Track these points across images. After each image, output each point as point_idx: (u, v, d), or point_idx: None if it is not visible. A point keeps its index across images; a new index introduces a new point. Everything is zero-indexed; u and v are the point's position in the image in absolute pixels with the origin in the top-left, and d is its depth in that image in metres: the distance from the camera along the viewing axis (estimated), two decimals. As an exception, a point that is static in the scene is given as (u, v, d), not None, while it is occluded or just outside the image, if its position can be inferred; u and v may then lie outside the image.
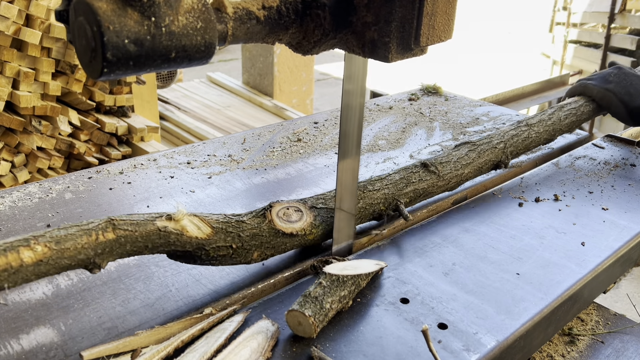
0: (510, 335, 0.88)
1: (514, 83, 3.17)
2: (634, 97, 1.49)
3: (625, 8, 5.13)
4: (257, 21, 0.79)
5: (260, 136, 1.65)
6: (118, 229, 0.79)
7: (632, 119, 1.51)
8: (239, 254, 0.93)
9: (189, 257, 0.89)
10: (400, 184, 1.15)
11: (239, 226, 0.94)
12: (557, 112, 1.49)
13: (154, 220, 0.83)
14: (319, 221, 1.03)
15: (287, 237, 0.98)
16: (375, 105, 1.93)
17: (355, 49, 0.87)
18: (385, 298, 0.95)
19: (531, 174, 1.44)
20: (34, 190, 1.28)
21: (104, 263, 0.78)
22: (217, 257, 0.91)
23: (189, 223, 0.87)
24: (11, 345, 0.83)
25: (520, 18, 12.03)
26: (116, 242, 0.79)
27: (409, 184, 1.16)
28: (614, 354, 1.09)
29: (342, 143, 1.00)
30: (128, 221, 0.81)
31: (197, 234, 0.87)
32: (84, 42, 0.64)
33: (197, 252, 0.88)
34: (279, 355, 0.82)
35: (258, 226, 0.96)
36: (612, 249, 1.11)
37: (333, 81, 7.49)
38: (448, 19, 0.85)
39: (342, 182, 1.02)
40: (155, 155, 1.49)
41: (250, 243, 0.94)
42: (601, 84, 1.54)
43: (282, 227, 0.98)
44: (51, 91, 2.85)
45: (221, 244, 0.90)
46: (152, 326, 0.84)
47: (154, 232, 0.83)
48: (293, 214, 1.01)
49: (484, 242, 1.13)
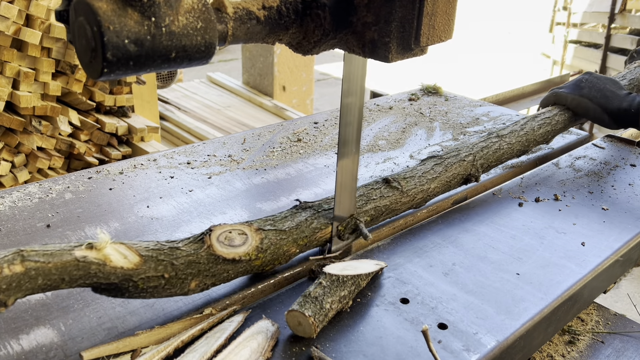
0: (510, 335, 0.88)
1: (514, 83, 3.17)
2: (610, 99, 1.43)
3: (625, 8, 5.14)
4: (257, 21, 0.79)
5: (260, 136, 1.65)
6: (28, 261, 0.71)
7: (615, 122, 1.45)
8: (173, 284, 0.84)
9: (115, 290, 0.80)
10: (359, 201, 1.07)
11: (173, 253, 0.84)
12: (530, 122, 1.44)
13: (71, 250, 0.75)
14: (267, 244, 0.93)
15: (230, 263, 0.88)
16: (375, 105, 1.93)
17: (355, 49, 0.87)
18: (385, 298, 0.95)
19: (531, 174, 1.44)
20: (34, 190, 1.28)
21: (10, 300, 0.70)
22: (148, 288, 0.82)
23: (113, 252, 0.79)
24: (11, 345, 0.83)
25: (520, 18, 12.03)
26: (25, 276, 0.70)
27: (369, 201, 1.08)
28: (614, 354, 1.09)
29: (341, 143, 1.00)
30: (40, 252, 0.73)
31: (123, 264, 0.79)
32: (84, 42, 0.64)
33: (123, 284, 0.79)
34: (279, 355, 0.82)
35: (195, 252, 0.86)
36: (612, 249, 1.11)
37: (333, 81, 7.49)
38: (448, 19, 0.85)
39: (341, 181, 1.02)
40: (155, 156, 1.49)
41: (186, 272, 0.84)
42: (574, 91, 1.49)
43: (222, 252, 0.88)
44: (51, 91, 2.85)
45: (151, 274, 0.81)
46: (152, 326, 0.84)
47: (71, 263, 0.74)
48: (236, 237, 0.91)
49: (484, 242, 1.13)
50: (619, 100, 1.43)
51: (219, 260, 0.87)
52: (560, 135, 1.69)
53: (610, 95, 1.44)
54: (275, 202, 1.28)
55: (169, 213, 1.21)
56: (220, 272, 0.88)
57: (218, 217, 1.20)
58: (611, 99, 1.44)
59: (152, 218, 1.19)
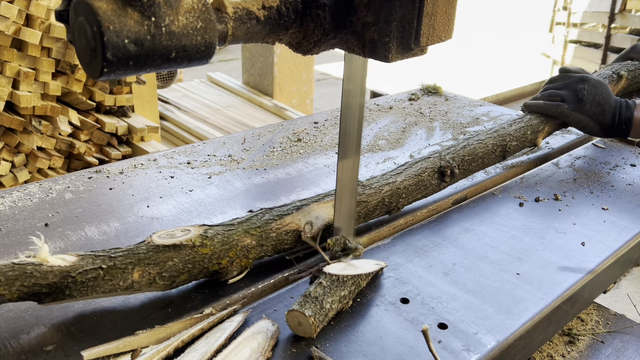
0: (510, 335, 0.88)
1: (514, 83, 3.16)
2: (606, 113, 1.44)
3: (625, 8, 5.14)
4: (257, 21, 0.79)
5: (260, 136, 1.65)
6: None
7: (607, 134, 1.48)
8: (113, 275, 0.83)
9: (56, 291, 0.80)
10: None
11: (111, 251, 0.86)
12: (503, 123, 1.45)
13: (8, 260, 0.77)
14: (212, 233, 0.93)
15: (172, 250, 0.88)
16: (375, 105, 1.93)
17: (355, 49, 0.87)
18: (386, 298, 0.95)
19: (531, 174, 1.44)
20: (34, 190, 1.28)
21: None
22: (88, 282, 0.81)
23: (51, 257, 0.81)
24: (11, 345, 0.83)
25: (520, 18, 12.02)
26: None
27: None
28: (614, 354, 1.09)
29: (342, 143, 1.00)
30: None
31: (60, 263, 0.80)
32: (84, 42, 0.64)
33: (62, 282, 0.80)
34: (279, 355, 0.82)
35: (135, 247, 0.88)
36: (612, 249, 1.12)
37: (333, 81, 7.49)
38: (448, 18, 0.85)
39: (341, 181, 1.02)
40: (155, 155, 1.49)
41: (125, 262, 0.85)
42: (577, 107, 1.45)
43: (161, 242, 0.88)
44: (51, 91, 2.85)
45: (89, 267, 0.82)
46: (152, 326, 0.84)
47: (6, 266, 0.76)
48: (178, 232, 0.92)
49: (484, 242, 1.13)
50: (611, 113, 1.45)
51: (159, 249, 0.88)
52: (561, 136, 1.69)
53: (606, 109, 1.44)
54: (275, 201, 1.28)
55: (169, 213, 1.21)
56: (164, 260, 0.88)
57: (218, 216, 1.20)
58: (607, 113, 1.44)
59: (152, 218, 1.19)
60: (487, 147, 1.35)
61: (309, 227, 1.03)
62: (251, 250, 0.97)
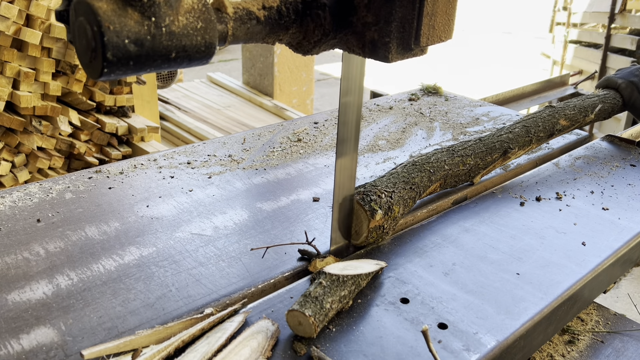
0: (510, 335, 0.88)
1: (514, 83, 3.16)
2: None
3: (625, 8, 5.13)
4: (258, 21, 0.79)
5: (261, 136, 1.65)
6: None
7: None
8: None
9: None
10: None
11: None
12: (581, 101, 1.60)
13: None
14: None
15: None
16: (375, 105, 1.93)
17: (355, 49, 0.87)
18: (386, 298, 0.95)
19: (531, 173, 1.44)
20: (34, 190, 1.28)
21: None
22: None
23: None
24: (11, 345, 0.83)
25: (520, 18, 12.02)
26: None
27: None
28: (614, 354, 1.09)
29: (339, 142, 1.00)
30: None
31: None
32: (84, 42, 0.64)
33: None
34: (279, 355, 0.82)
35: None
36: (612, 249, 1.12)
37: (333, 81, 7.49)
38: (448, 19, 0.85)
39: (339, 181, 1.02)
40: (156, 155, 1.49)
41: None
42: (627, 77, 1.69)
43: None
44: (51, 91, 2.85)
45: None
46: (153, 326, 0.84)
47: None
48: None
49: (484, 242, 1.13)
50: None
51: None
52: (561, 136, 1.69)
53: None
54: (276, 201, 1.28)
55: (169, 213, 1.21)
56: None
57: (218, 216, 1.20)
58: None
59: (152, 218, 1.19)
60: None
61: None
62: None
